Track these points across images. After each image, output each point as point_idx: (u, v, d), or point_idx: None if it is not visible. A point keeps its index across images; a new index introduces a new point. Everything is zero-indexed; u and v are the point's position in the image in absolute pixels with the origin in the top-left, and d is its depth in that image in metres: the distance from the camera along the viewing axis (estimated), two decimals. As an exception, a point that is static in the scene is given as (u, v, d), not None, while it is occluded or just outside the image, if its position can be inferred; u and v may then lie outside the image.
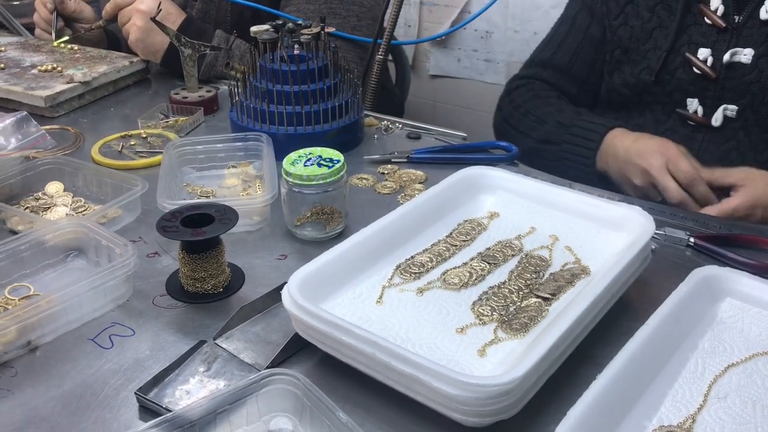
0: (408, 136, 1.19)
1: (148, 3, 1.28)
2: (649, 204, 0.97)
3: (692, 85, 1.17)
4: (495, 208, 0.87)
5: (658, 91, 1.20)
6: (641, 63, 1.21)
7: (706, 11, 1.15)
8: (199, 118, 1.21)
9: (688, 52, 1.15)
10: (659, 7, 1.20)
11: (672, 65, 1.17)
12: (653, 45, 1.20)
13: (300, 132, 1.10)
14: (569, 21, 1.34)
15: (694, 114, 1.18)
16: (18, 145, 0.92)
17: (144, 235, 0.91)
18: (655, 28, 1.20)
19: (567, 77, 1.33)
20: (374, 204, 0.98)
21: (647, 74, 1.20)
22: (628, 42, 1.23)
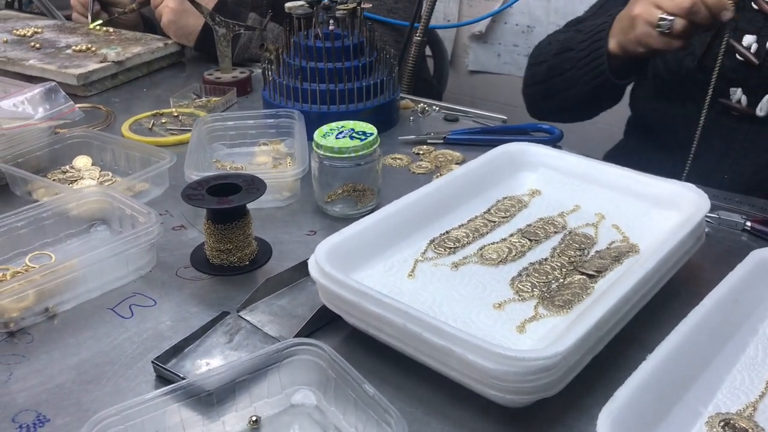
0: (445, 119, 1.15)
1: None
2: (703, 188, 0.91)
3: (735, 73, 1.11)
4: (537, 185, 0.83)
5: (700, 79, 1.14)
6: (685, 49, 1.16)
7: None
8: (232, 98, 1.19)
9: (733, 39, 1.10)
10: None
11: (716, 51, 1.12)
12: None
13: (333, 111, 1.06)
14: None
15: (738, 104, 1.12)
16: (45, 114, 0.90)
17: (171, 209, 0.88)
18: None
19: None
20: (408, 183, 0.94)
21: (691, 60, 1.15)
22: None
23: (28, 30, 1.38)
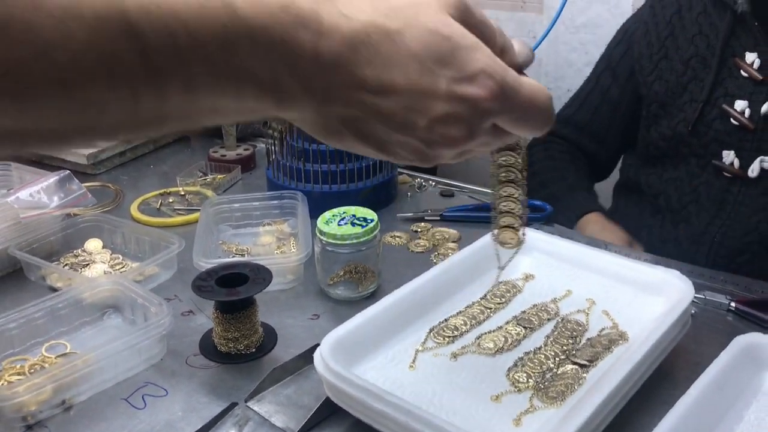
0: (441, 194, 1.20)
1: None
2: (687, 267, 0.95)
3: (729, 137, 1.17)
4: (530, 269, 0.86)
5: (694, 143, 1.20)
6: (678, 116, 1.21)
7: (742, 64, 1.15)
8: (237, 175, 1.24)
9: (725, 104, 1.15)
10: (693, 60, 1.21)
11: (709, 117, 1.17)
12: (689, 98, 1.20)
13: (335, 190, 1.11)
14: (594, 80, 1.39)
15: (730, 166, 1.17)
16: (60, 203, 0.94)
17: (179, 293, 0.92)
18: (690, 81, 1.21)
19: (586, 135, 1.36)
20: (407, 263, 0.98)
21: (684, 126, 1.20)
22: (664, 96, 1.24)
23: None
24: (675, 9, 1.26)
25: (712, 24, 1.19)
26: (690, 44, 1.21)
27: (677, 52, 1.23)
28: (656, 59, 1.26)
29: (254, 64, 0.39)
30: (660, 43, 1.26)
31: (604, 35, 2.01)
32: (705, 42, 1.20)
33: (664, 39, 1.25)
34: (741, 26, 1.16)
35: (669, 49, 1.24)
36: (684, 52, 1.22)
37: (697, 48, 1.20)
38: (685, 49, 1.22)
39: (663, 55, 1.25)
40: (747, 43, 1.15)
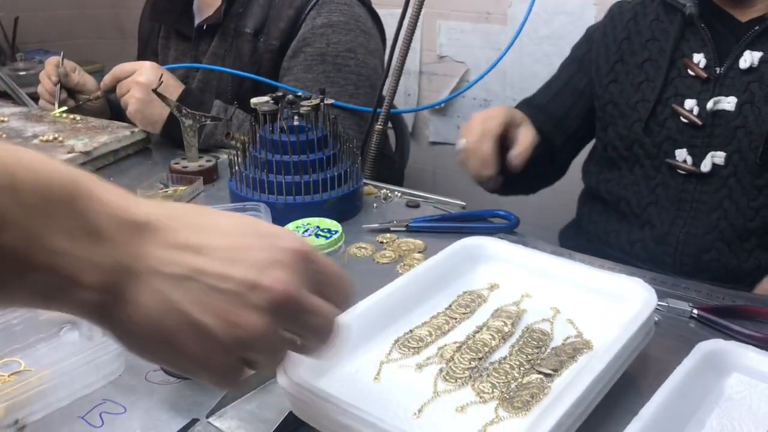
0: (407, 205, 1.19)
1: (147, 75, 1.30)
2: (650, 274, 0.96)
3: (680, 134, 1.20)
4: (495, 279, 0.86)
5: (648, 143, 1.23)
6: (632, 116, 1.25)
7: (690, 64, 1.19)
8: (199, 187, 1.22)
9: (675, 104, 1.19)
10: (647, 63, 1.25)
11: (661, 116, 1.21)
12: (641, 98, 1.24)
13: (299, 201, 1.10)
14: (558, 71, 1.44)
15: (684, 163, 1.20)
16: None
17: (139, 308, 0.89)
18: (642, 82, 1.25)
19: (544, 114, 1.38)
20: (373, 274, 0.97)
21: (638, 126, 1.23)
22: (618, 97, 1.28)
23: (-5, 119, 1.40)
24: (631, 15, 1.31)
25: (663, 30, 1.25)
26: (644, 49, 1.26)
27: (632, 57, 1.28)
28: (612, 61, 1.30)
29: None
30: (617, 47, 1.30)
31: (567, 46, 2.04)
32: (657, 46, 1.25)
33: (620, 42, 1.30)
34: (690, 29, 1.21)
35: (625, 53, 1.29)
36: (638, 57, 1.27)
37: (650, 52, 1.25)
38: (639, 53, 1.27)
39: (619, 58, 1.29)
40: (695, 44, 1.20)
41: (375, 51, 1.49)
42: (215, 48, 1.48)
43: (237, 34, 1.45)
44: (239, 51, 1.45)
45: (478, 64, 2.26)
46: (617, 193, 1.29)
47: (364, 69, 1.45)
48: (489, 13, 2.18)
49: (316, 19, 1.41)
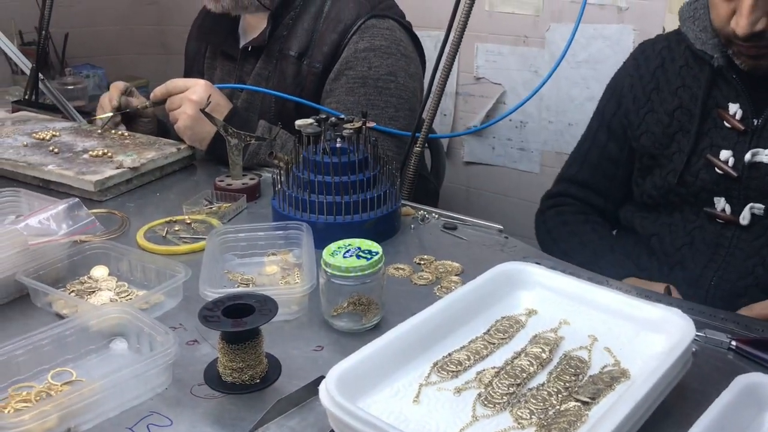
0: (444, 227, 1.21)
1: (199, 93, 1.34)
2: (688, 304, 0.96)
3: (716, 186, 1.19)
4: (533, 305, 0.87)
5: (684, 192, 1.22)
6: (667, 166, 1.24)
7: (725, 115, 1.18)
8: (242, 204, 1.25)
9: (710, 154, 1.18)
10: (678, 111, 1.23)
11: (695, 167, 1.20)
12: (677, 148, 1.23)
13: (339, 221, 1.12)
14: (591, 137, 1.42)
15: (722, 212, 1.19)
16: (68, 230, 0.95)
17: (184, 322, 0.92)
18: (676, 132, 1.23)
19: (592, 191, 1.40)
20: (411, 295, 0.99)
21: (672, 177, 1.22)
22: (652, 148, 1.26)
23: (47, 133, 1.45)
24: (659, 62, 1.28)
25: (694, 76, 1.22)
26: (674, 96, 1.24)
27: (662, 105, 1.25)
28: (643, 113, 1.28)
29: None
30: (646, 97, 1.28)
31: (605, 71, 2.04)
32: (688, 93, 1.22)
33: (650, 92, 1.28)
34: (721, 78, 1.19)
35: (654, 102, 1.27)
36: (669, 105, 1.25)
37: (681, 100, 1.23)
38: (670, 101, 1.24)
39: (649, 108, 1.27)
40: (728, 94, 1.18)
41: (415, 74, 1.52)
42: (260, 69, 1.52)
43: (281, 56, 1.49)
44: (283, 72, 1.48)
45: (514, 85, 2.27)
46: (650, 229, 1.29)
47: (404, 92, 1.48)
48: (526, 36, 2.19)
49: (358, 43, 1.44)
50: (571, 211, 1.39)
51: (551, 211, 1.42)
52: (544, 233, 1.42)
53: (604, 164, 1.37)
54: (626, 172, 1.35)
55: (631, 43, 2.01)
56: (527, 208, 2.30)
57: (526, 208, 2.31)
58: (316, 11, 1.47)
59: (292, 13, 1.49)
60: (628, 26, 2.02)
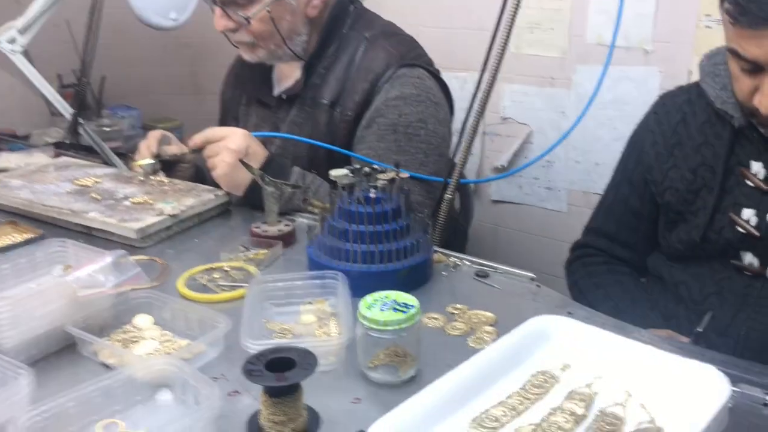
0: (476, 275, 1.23)
1: (237, 142, 1.38)
2: (722, 357, 0.97)
3: (740, 243, 1.19)
4: (567, 359, 0.89)
5: (709, 248, 1.22)
6: (692, 222, 1.24)
7: (748, 174, 1.18)
8: (278, 251, 1.28)
9: (733, 212, 1.18)
10: (701, 168, 1.24)
11: (718, 224, 1.20)
12: (701, 205, 1.23)
13: (374, 270, 1.14)
14: (614, 190, 1.43)
15: (749, 265, 1.19)
16: (116, 282, 0.99)
17: (226, 372, 0.95)
18: (700, 189, 1.24)
19: (617, 243, 1.41)
20: (445, 346, 1.01)
21: (696, 233, 1.23)
22: (677, 204, 1.27)
23: (89, 180, 1.50)
24: (680, 116, 1.28)
25: (716, 134, 1.22)
26: (697, 153, 1.24)
27: (685, 161, 1.26)
28: (665, 168, 1.29)
29: None
30: (668, 152, 1.28)
31: (632, 112, 2.06)
32: (711, 151, 1.23)
33: (672, 147, 1.28)
34: (743, 136, 1.19)
35: (677, 157, 1.27)
36: (691, 161, 1.25)
37: (703, 157, 1.23)
38: (692, 157, 1.25)
39: (672, 164, 1.27)
40: (751, 152, 1.19)
41: (444, 120, 1.55)
42: (294, 116, 1.56)
43: (314, 104, 1.53)
44: (316, 120, 1.53)
45: (541, 125, 2.29)
46: (678, 278, 1.29)
47: (433, 138, 1.51)
48: (553, 77, 2.22)
49: (389, 91, 1.48)
50: (596, 262, 1.41)
51: (578, 262, 1.44)
52: (571, 284, 1.44)
53: (627, 217, 1.38)
54: (650, 224, 1.36)
55: (657, 85, 2.03)
56: (556, 247, 2.31)
57: (555, 247, 2.32)
58: (348, 61, 1.52)
59: (324, 62, 1.54)
60: (654, 68, 2.04)
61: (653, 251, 1.40)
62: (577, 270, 1.42)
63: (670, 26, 1.99)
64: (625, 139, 1.48)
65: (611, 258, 1.41)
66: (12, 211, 1.44)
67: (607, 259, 1.40)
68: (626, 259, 1.40)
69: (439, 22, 2.36)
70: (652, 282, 1.38)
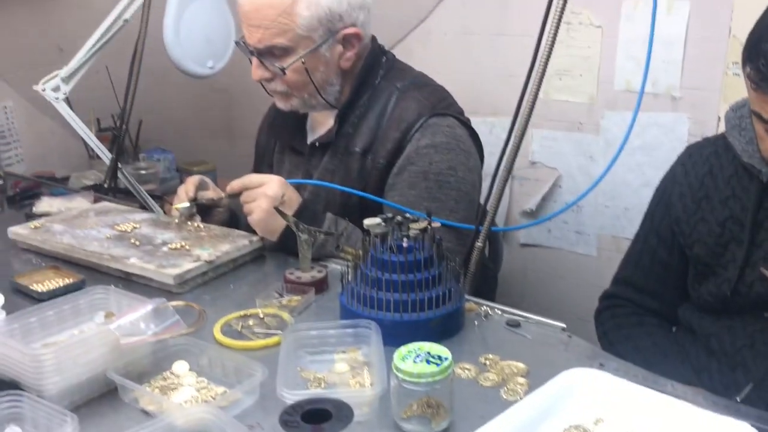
0: (507, 324, 1.24)
1: (274, 189, 1.42)
2: (756, 412, 0.96)
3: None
4: (600, 413, 0.89)
5: (740, 301, 1.22)
6: (722, 275, 1.24)
7: None
8: (311, 298, 1.30)
9: (764, 267, 1.18)
10: (729, 222, 1.24)
11: (749, 278, 1.20)
12: (731, 258, 1.23)
13: (406, 319, 1.16)
14: (642, 241, 1.43)
15: None
16: (156, 330, 1.02)
17: (261, 421, 0.97)
18: (729, 242, 1.24)
19: (646, 294, 1.41)
20: (478, 398, 1.02)
21: (727, 287, 1.22)
22: (706, 257, 1.27)
23: (128, 226, 1.55)
24: (707, 169, 1.29)
25: (744, 187, 1.23)
26: (724, 206, 1.24)
27: (713, 214, 1.26)
28: (693, 221, 1.29)
29: None
30: (695, 205, 1.28)
31: (661, 158, 2.08)
32: (739, 204, 1.22)
33: (699, 200, 1.28)
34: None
35: (705, 210, 1.27)
36: (719, 214, 1.25)
37: (731, 210, 1.23)
38: (720, 210, 1.25)
39: (700, 217, 1.27)
40: None
41: (474, 168, 1.58)
42: (326, 163, 1.60)
43: (347, 152, 1.57)
44: (348, 167, 1.56)
45: (569, 170, 2.31)
46: (709, 329, 1.28)
47: (463, 185, 1.53)
48: (581, 123, 2.24)
49: (420, 140, 1.51)
50: (625, 313, 1.41)
51: (607, 312, 1.44)
52: (601, 335, 1.44)
53: (655, 268, 1.38)
54: (679, 276, 1.36)
55: (686, 132, 2.04)
56: (585, 291, 2.30)
57: (584, 291, 2.31)
58: (380, 111, 1.56)
59: (357, 112, 1.58)
60: (683, 115, 2.05)
61: (683, 302, 1.39)
62: (606, 321, 1.43)
63: (698, 73, 2.01)
64: (654, 184, 1.49)
65: (640, 309, 1.40)
66: (54, 256, 1.48)
67: (636, 310, 1.40)
68: (655, 309, 1.40)
69: (466, 68, 2.40)
70: (683, 332, 1.37)
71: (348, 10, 1.51)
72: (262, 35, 1.49)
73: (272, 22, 1.47)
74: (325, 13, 1.48)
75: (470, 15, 2.36)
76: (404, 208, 1.44)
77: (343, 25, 1.51)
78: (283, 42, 1.48)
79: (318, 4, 1.47)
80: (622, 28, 2.11)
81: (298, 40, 1.49)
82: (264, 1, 1.47)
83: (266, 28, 1.48)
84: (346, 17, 1.51)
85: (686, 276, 1.36)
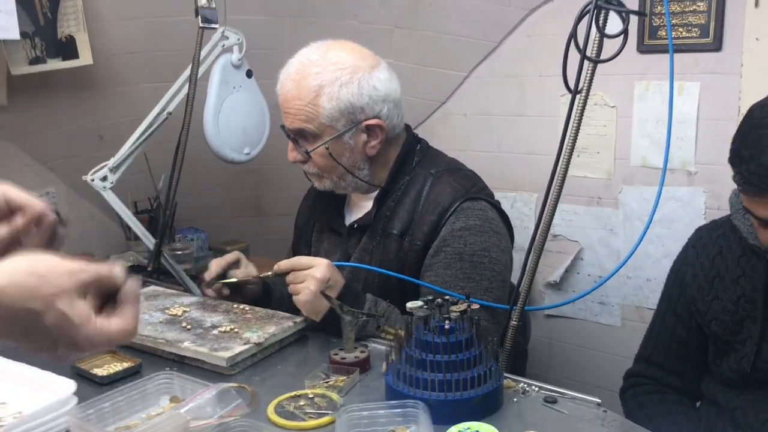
0: (545, 400, 1.30)
1: (323, 272, 1.50)
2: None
3: None
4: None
5: (760, 377, 1.27)
6: (741, 351, 1.30)
7: None
8: (356, 378, 1.37)
9: None
10: (743, 300, 1.30)
11: (766, 354, 1.25)
12: (747, 335, 1.29)
13: (450, 398, 1.22)
14: (660, 319, 1.50)
15: None
16: (221, 413, 1.09)
17: (322, 501, 1.03)
18: (744, 319, 1.30)
19: (667, 371, 1.47)
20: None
21: (746, 363, 1.28)
22: (724, 334, 1.32)
23: (178, 310, 1.63)
24: (716, 250, 1.36)
25: (753, 266, 1.30)
26: (736, 285, 1.31)
27: (726, 293, 1.33)
28: (708, 300, 1.36)
29: None
30: (709, 284, 1.35)
31: (679, 229, 2.16)
32: (750, 283, 1.29)
33: (712, 279, 1.35)
34: None
35: (718, 289, 1.34)
36: (732, 293, 1.32)
37: (743, 289, 1.30)
38: (733, 289, 1.31)
39: (714, 296, 1.34)
40: None
41: (506, 249, 1.66)
42: (365, 244, 1.69)
43: (385, 234, 1.66)
44: (386, 248, 1.65)
45: (590, 243, 2.39)
46: (734, 403, 1.33)
47: (496, 265, 1.61)
48: (600, 197, 2.33)
49: (455, 223, 1.60)
50: (647, 391, 1.46)
51: (630, 392, 1.49)
52: (626, 414, 1.48)
53: (674, 346, 1.44)
54: (699, 352, 1.41)
55: (702, 204, 2.13)
56: (611, 361, 2.35)
57: (610, 361, 2.36)
58: (416, 195, 1.66)
59: (394, 196, 1.68)
60: (699, 188, 2.14)
61: (704, 377, 1.44)
62: (630, 400, 1.47)
63: (711, 149, 2.11)
64: (674, 256, 1.57)
65: (662, 387, 1.45)
66: (109, 340, 1.56)
67: (659, 388, 1.45)
68: (677, 386, 1.44)
69: (487, 147, 2.52)
70: (707, 406, 1.42)
71: (369, 103, 1.62)
72: (293, 120, 1.63)
73: (300, 111, 1.61)
74: (346, 105, 1.60)
75: (490, 96, 2.49)
76: (441, 289, 1.52)
77: (365, 116, 1.63)
78: (310, 128, 1.61)
79: (339, 98, 1.59)
80: (636, 108, 2.23)
81: (322, 128, 1.61)
82: (294, 93, 1.61)
83: (295, 114, 1.62)
84: (368, 110, 1.63)
85: (705, 352, 1.41)
